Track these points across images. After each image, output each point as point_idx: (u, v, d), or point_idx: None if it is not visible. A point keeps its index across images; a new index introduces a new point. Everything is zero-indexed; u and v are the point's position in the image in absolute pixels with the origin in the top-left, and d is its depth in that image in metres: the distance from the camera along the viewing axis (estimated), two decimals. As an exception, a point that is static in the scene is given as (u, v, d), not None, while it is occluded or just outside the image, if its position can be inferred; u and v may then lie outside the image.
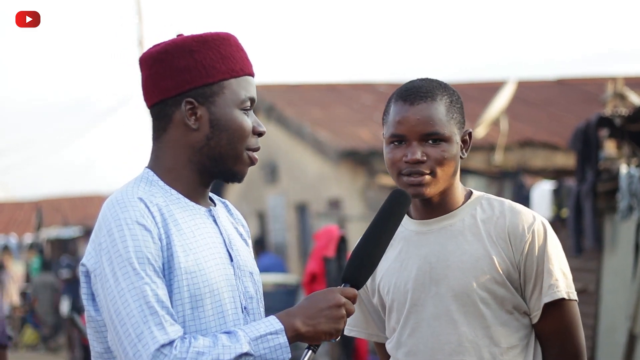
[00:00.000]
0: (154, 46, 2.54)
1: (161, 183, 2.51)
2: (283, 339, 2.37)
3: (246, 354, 2.33)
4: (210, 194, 2.63)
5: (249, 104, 2.53)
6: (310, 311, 2.42)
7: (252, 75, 2.56)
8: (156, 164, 2.54)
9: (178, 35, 2.55)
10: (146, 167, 2.56)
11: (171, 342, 2.30)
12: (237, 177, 2.56)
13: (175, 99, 2.50)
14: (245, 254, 2.60)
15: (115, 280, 2.34)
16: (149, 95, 2.54)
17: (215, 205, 2.62)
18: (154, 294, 2.33)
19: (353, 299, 2.45)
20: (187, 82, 2.49)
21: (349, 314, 2.44)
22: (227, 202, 2.73)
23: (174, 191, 2.51)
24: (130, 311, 2.31)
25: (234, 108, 2.51)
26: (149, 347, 2.29)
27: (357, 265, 2.50)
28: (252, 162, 2.55)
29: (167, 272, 2.39)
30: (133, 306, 2.31)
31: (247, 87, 2.54)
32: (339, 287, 2.47)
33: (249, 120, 2.53)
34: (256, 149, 2.56)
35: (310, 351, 2.44)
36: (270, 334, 2.37)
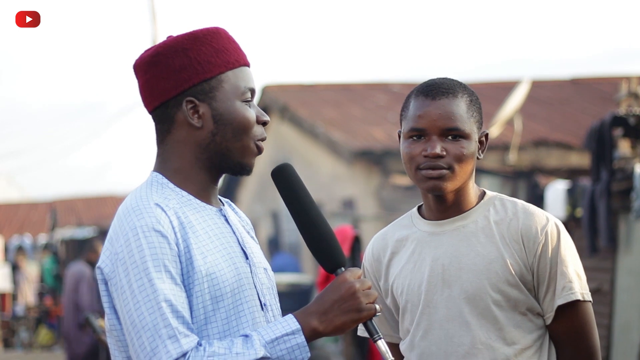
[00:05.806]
0: (146, 51, 2.51)
1: (171, 185, 2.48)
2: (301, 338, 2.33)
3: (261, 359, 2.30)
4: None
5: (249, 94, 2.51)
6: (324, 306, 2.36)
7: (247, 65, 2.53)
8: (163, 167, 2.51)
9: (168, 37, 2.52)
10: (153, 170, 2.53)
11: (184, 354, 2.29)
12: (246, 170, 2.53)
13: (175, 99, 2.47)
14: (257, 250, 2.59)
15: (132, 292, 2.33)
16: (148, 100, 2.51)
17: (223, 204, 2.60)
18: (168, 305, 2.31)
19: (360, 276, 2.41)
20: (185, 80, 2.46)
21: (369, 293, 2.38)
22: (229, 201, 2.70)
23: (184, 192, 2.48)
24: (146, 324, 2.31)
25: (235, 100, 2.49)
26: None
27: (328, 251, 2.44)
28: (260, 151, 2.52)
29: (187, 276, 2.37)
30: (148, 319, 2.31)
31: (245, 78, 2.51)
32: (344, 273, 2.40)
33: (251, 111, 2.51)
34: (262, 139, 2.53)
35: (379, 340, 2.40)
36: (287, 334, 2.33)
